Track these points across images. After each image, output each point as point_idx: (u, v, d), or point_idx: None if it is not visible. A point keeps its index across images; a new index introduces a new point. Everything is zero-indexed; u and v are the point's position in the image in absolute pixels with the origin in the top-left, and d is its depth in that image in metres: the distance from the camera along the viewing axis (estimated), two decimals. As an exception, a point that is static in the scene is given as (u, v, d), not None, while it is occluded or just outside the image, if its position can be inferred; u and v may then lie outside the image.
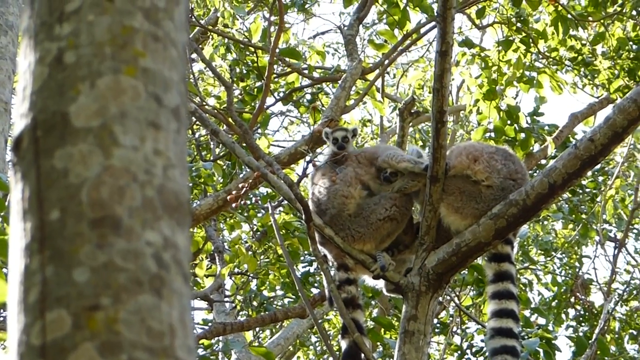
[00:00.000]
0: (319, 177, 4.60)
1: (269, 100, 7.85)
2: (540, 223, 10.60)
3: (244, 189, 4.62)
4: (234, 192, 4.68)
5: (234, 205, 4.69)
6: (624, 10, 7.95)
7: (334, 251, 4.46)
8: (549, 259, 10.43)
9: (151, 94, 1.30)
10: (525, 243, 10.11)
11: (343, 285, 4.40)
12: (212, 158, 8.25)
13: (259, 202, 8.20)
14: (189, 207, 1.29)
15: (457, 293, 7.90)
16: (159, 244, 1.24)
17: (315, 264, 7.97)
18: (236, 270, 7.70)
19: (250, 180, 4.74)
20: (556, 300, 9.94)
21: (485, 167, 4.25)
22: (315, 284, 8.19)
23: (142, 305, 1.20)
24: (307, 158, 4.94)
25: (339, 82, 7.01)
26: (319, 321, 5.09)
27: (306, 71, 8.27)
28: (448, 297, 8.22)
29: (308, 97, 8.80)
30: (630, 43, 8.08)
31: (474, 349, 7.26)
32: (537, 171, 7.56)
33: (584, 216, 9.44)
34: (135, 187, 1.25)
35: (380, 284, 4.58)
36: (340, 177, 4.49)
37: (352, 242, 4.42)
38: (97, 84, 1.28)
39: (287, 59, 8.08)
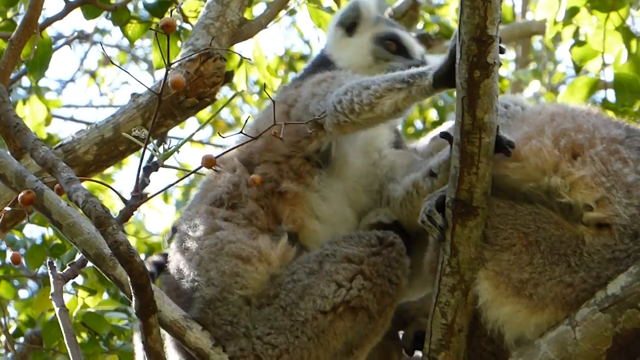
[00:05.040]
0: (190, 216, 2.47)
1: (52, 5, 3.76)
2: None
3: None
4: None
5: None
6: None
7: None
8: None
9: None
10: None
11: None
12: None
13: (23, 263, 4.05)
14: None
15: None
16: None
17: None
18: None
19: (6, 208, 2.29)
20: None
21: (596, 175, 2.09)
22: None
23: None
24: (149, 151, 2.23)
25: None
26: None
27: None
28: None
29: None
30: None
31: None
32: None
33: None
34: None
35: None
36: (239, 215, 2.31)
37: None
38: None
39: None
